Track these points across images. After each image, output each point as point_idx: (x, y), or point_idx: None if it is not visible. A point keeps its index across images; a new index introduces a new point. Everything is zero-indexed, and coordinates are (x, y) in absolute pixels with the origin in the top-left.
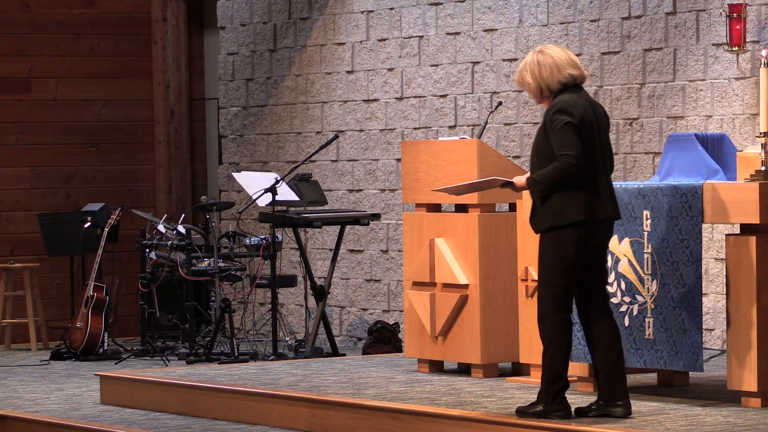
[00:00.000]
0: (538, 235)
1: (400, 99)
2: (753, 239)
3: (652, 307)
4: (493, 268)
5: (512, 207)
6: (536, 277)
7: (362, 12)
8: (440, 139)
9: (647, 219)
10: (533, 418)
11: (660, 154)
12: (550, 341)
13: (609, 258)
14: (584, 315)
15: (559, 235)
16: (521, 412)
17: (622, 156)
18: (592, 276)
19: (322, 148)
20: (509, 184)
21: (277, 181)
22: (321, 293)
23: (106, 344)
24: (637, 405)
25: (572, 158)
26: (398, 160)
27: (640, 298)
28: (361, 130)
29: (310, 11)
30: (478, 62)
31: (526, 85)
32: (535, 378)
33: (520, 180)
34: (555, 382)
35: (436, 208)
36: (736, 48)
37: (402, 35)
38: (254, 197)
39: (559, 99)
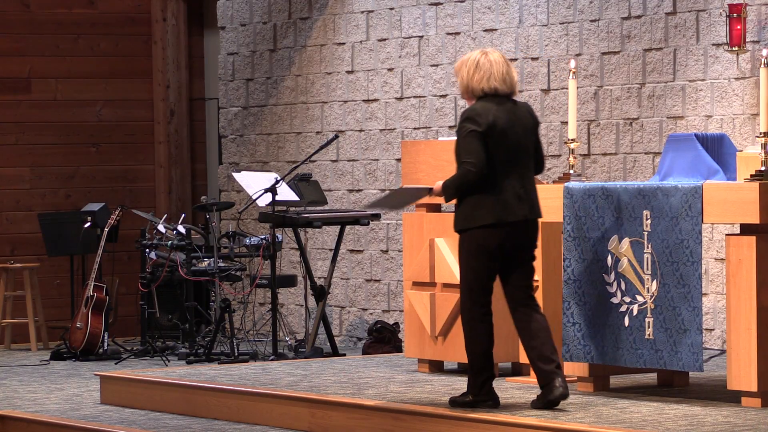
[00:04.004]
0: None
1: (400, 99)
2: (753, 239)
3: (652, 307)
4: None
5: None
6: (536, 277)
7: (362, 12)
8: (440, 139)
9: (647, 219)
10: (463, 408)
11: (660, 154)
12: (468, 336)
13: (608, 258)
14: (511, 309)
15: (469, 236)
16: (453, 401)
17: (622, 156)
18: (513, 274)
19: (322, 148)
20: (430, 191)
21: (277, 181)
22: (321, 293)
23: (106, 344)
24: (637, 405)
25: (471, 165)
26: (398, 160)
27: (640, 298)
28: (361, 130)
29: (310, 11)
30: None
31: (459, 78)
32: (535, 378)
33: (437, 185)
34: (479, 373)
35: (436, 208)
36: (736, 48)
37: (402, 35)
38: (254, 197)
39: (470, 107)
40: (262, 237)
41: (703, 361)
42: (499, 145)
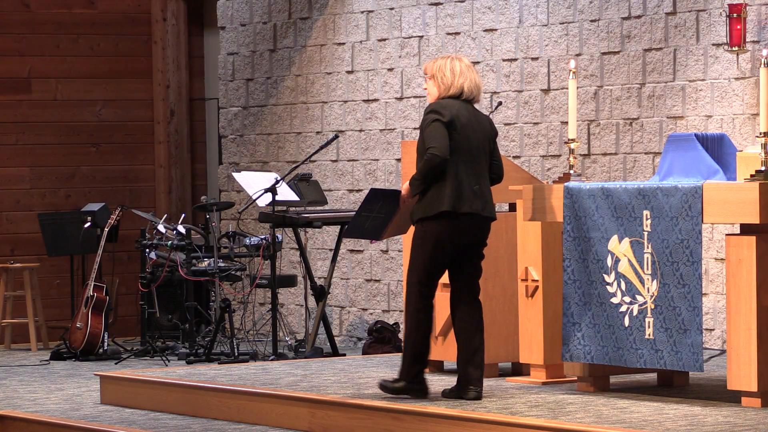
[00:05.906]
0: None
1: (400, 99)
2: (753, 239)
3: (652, 307)
4: (493, 268)
5: (512, 207)
6: (536, 277)
7: (362, 12)
8: None
9: (647, 219)
10: (393, 393)
11: (660, 154)
12: (412, 325)
13: (608, 258)
14: (453, 306)
15: (426, 226)
16: (383, 386)
17: (622, 156)
18: (461, 272)
19: (322, 148)
20: (399, 193)
21: (277, 181)
22: (321, 293)
23: (106, 344)
24: (637, 405)
25: (436, 150)
26: (398, 160)
27: (640, 298)
28: (361, 130)
29: (310, 11)
30: (478, 62)
31: (440, 80)
32: (535, 378)
33: (405, 186)
34: (416, 363)
35: None
36: (736, 48)
37: (402, 35)
38: (254, 197)
39: (434, 102)
40: (262, 237)
41: (703, 361)
42: (459, 139)
